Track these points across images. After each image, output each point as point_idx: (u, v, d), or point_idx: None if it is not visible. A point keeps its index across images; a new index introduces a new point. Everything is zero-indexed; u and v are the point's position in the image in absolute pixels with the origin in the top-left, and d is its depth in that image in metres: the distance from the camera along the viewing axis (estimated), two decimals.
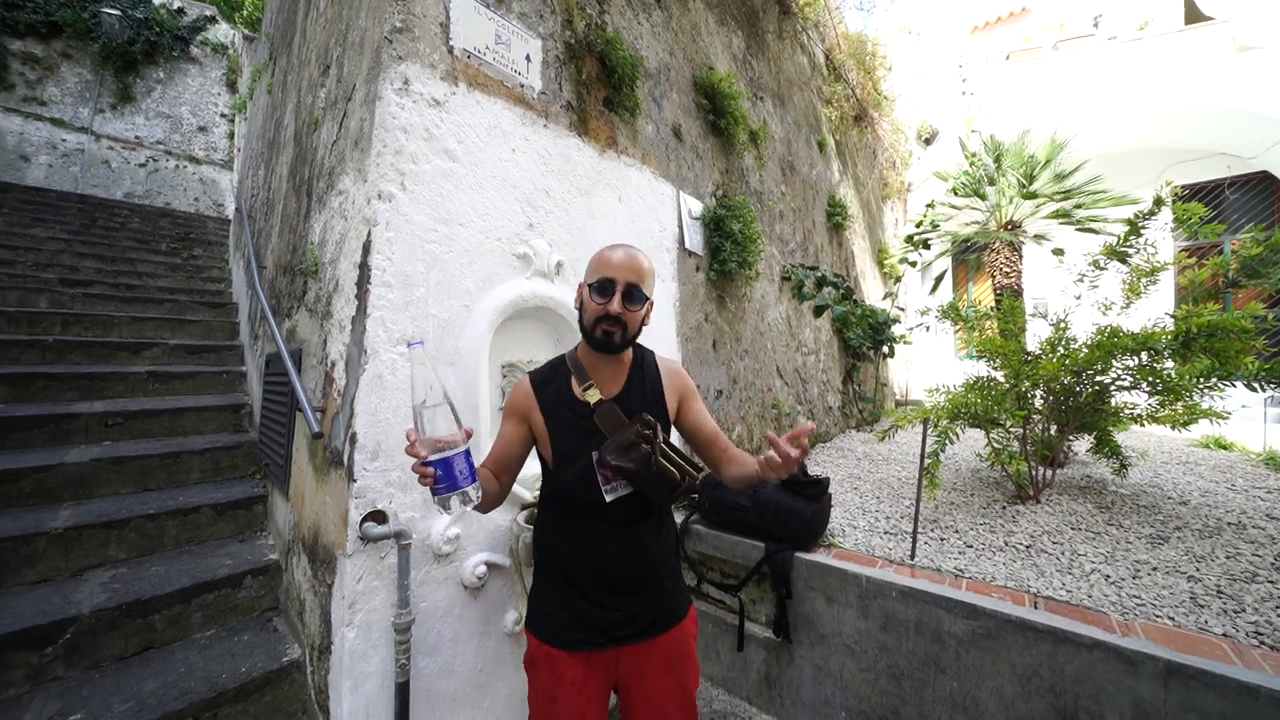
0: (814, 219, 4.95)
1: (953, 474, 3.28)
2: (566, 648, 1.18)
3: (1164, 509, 2.49)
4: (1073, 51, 7.06)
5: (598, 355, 1.23)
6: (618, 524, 1.19)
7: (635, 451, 1.12)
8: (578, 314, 1.23)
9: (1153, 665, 1.32)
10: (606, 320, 1.15)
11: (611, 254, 1.17)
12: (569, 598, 1.20)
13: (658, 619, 1.22)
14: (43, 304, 3.63)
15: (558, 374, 1.27)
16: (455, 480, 0.93)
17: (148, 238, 5.95)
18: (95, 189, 7.99)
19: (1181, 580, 1.79)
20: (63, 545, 1.89)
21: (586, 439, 1.19)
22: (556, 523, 1.26)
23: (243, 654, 1.75)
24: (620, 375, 1.27)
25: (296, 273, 2.32)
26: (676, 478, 1.15)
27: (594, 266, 1.20)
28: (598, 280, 1.16)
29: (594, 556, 1.19)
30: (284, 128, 3.04)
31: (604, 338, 1.16)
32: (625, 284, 1.14)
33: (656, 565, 1.25)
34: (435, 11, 1.77)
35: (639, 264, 1.16)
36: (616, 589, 1.20)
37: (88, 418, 2.53)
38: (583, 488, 1.18)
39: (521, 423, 1.25)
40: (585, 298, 1.20)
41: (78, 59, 8.15)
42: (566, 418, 1.22)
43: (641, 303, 1.17)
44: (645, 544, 1.23)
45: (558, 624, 1.20)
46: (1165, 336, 2.22)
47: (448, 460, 0.92)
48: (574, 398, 1.23)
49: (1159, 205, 2.56)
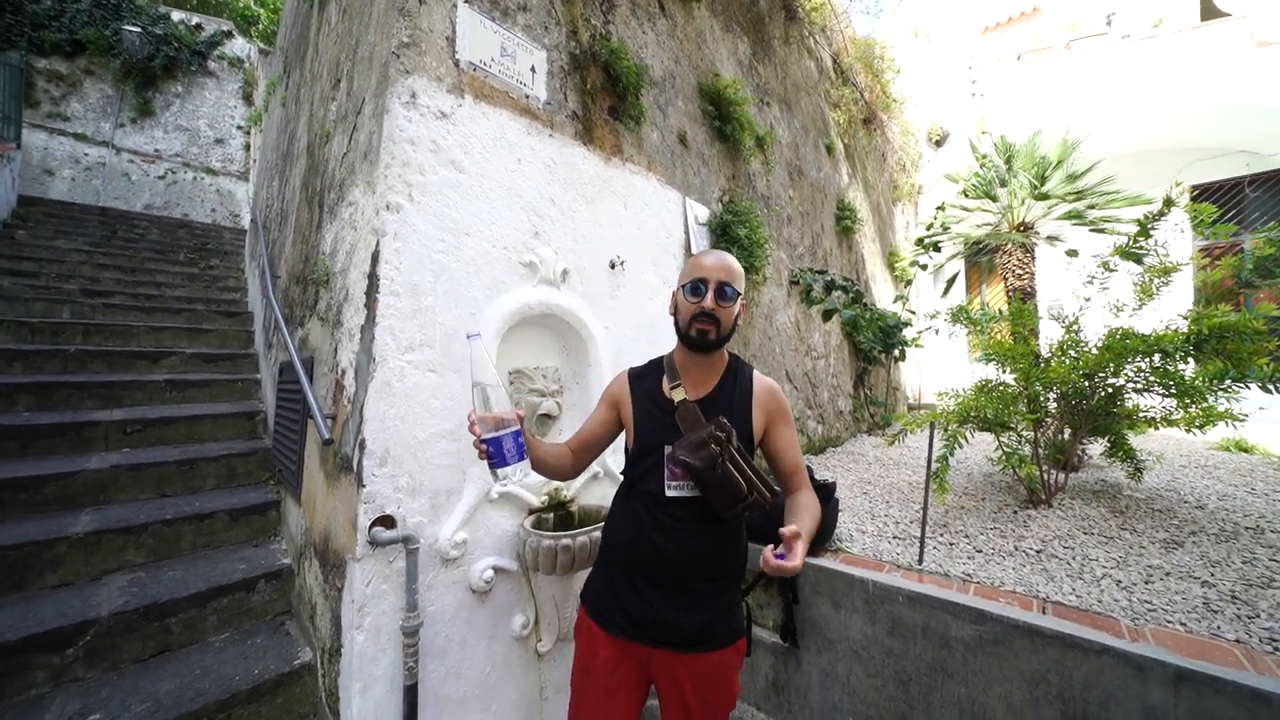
0: (823, 223, 4.94)
1: (963, 478, 3.25)
2: (604, 627, 1.24)
3: (1180, 513, 2.44)
4: (1086, 51, 6.98)
5: (691, 357, 1.29)
6: (675, 520, 1.22)
7: (703, 450, 1.14)
8: (673, 319, 1.30)
9: (1162, 671, 1.30)
10: (701, 318, 1.21)
11: (703, 258, 1.26)
12: (615, 581, 1.26)
13: (700, 637, 1.20)
14: (65, 314, 3.73)
15: (653, 371, 1.36)
16: (504, 458, 1.07)
17: (166, 248, 6.10)
18: (116, 201, 8.20)
19: (1195, 585, 1.76)
20: (83, 550, 1.94)
21: (664, 434, 1.25)
22: (624, 508, 1.32)
23: (256, 657, 1.78)
24: (710, 380, 1.31)
25: (309, 282, 2.37)
26: (742, 490, 1.14)
27: (686, 271, 1.28)
28: (690, 281, 1.23)
29: (644, 547, 1.22)
30: (297, 140, 3.11)
31: (699, 336, 1.22)
32: (717, 282, 1.21)
33: (708, 577, 1.23)
34: (441, 26, 1.81)
35: (729, 264, 1.24)
36: (659, 585, 1.21)
37: (107, 425, 2.60)
38: (651, 479, 1.25)
39: (612, 409, 1.36)
40: (680, 300, 1.27)
41: (100, 75, 8.40)
42: (651, 411, 1.29)
43: (734, 299, 1.23)
44: (698, 550, 1.22)
45: (603, 602, 1.27)
46: (1177, 338, 2.19)
47: (498, 439, 1.07)
48: (661, 394, 1.30)
49: (1169, 205, 2.53)
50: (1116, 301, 2.65)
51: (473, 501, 1.75)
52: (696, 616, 1.20)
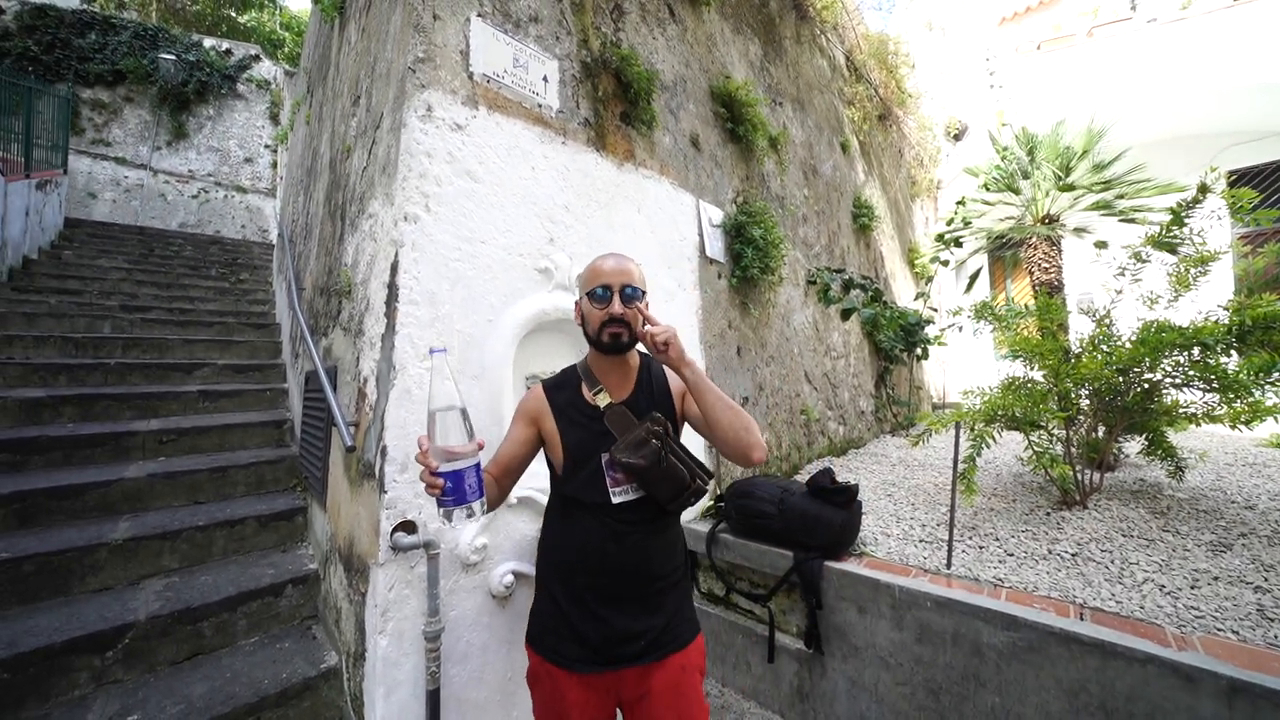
0: (839, 221, 4.88)
1: (992, 479, 3.15)
2: (566, 666, 1.18)
3: (1227, 514, 2.32)
4: (1109, 37, 6.75)
5: (606, 361, 1.28)
6: (624, 526, 1.20)
7: (646, 448, 1.15)
8: (581, 328, 1.28)
9: (1214, 683, 1.23)
10: (611, 323, 1.19)
11: (601, 264, 1.23)
12: (567, 614, 1.20)
13: (658, 640, 1.19)
14: (106, 329, 3.90)
15: (568, 381, 1.32)
16: (464, 494, 0.91)
17: (199, 264, 6.34)
18: (153, 220, 8.58)
19: (1247, 591, 1.67)
20: (122, 555, 2.02)
21: (597, 442, 1.22)
22: (561, 528, 1.27)
23: (284, 661, 1.82)
24: (628, 379, 1.30)
25: (332, 293, 2.43)
26: (686, 478, 1.18)
27: (587, 278, 1.25)
28: (594, 289, 1.21)
29: (595, 560, 1.19)
30: (320, 156, 3.21)
31: (612, 340, 1.20)
32: (620, 285, 1.19)
33: (659, 577, 1.23)
34: (455, 40, 1.85)
35: (627, 266, 1.23)
36: (614, 599, 1.18)
37: (144, 435, 2.71)
38: (591, 490, 1.21)
39: (531, 425, 1.29)
40: (585, 308, 1.25)
41: (138, 102, 8.83)
42: (578, 421, 1.25)
43: (638, 298, 1.21)
44: (649, 552, 1.22)
45: (556, 638, 1.21)
46: (1218, 330, 2.08)
47: (459, 473, 0.92)
48: (585, 402, 1.27)
49: (1204, 192, 2.42)
50: (1150, 294, 2.54)
51: None
52: (655, 619, 1.20)
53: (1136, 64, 6.25)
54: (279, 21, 12.71)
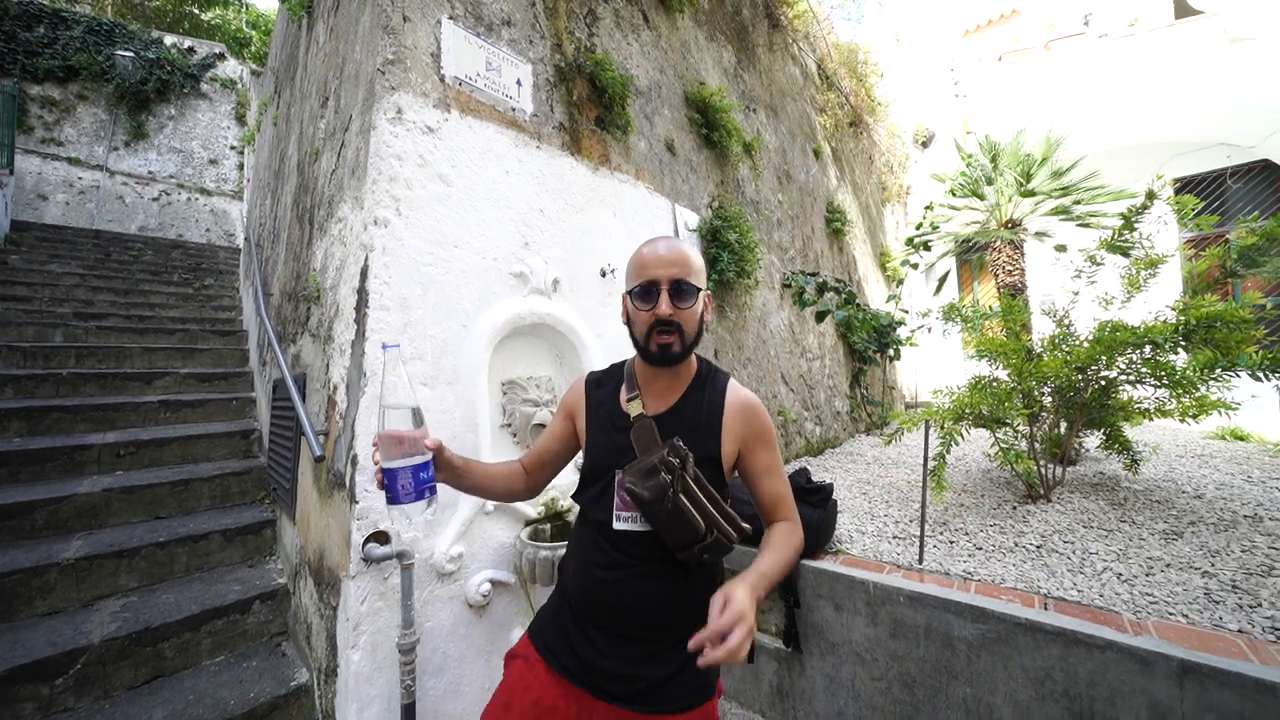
0: (813, 225, 4.98)
1: (962, 475, 3.24)
2: (547, 658, 1.06)
3: (1178, 504, 2.44)
4: (1065, 50, 7.08)
5: (651, 367, 1.07)
6: (622, 557, 1.01)
7: (653, 479, 0.93)
8: (628, 329, 1.07)
9: (1167, 665, 1.29)
10: (659, 328, 0.98)
11: (648, 251, 1.01)
12: (564, 619, 1.09)
13: (653, 695, 0.97)
14: (58, 338, 3.72)
15: (612, 377, 1.15)
16: (397, 494, 0.88)
17: (160, 269, 6.10)
18: (110, 224, 8.22)
19: (1195, 576, 1.75)
20: (74, 576, 1.92)
21: (616, 455, 1.04)
22: (575, 537, 1.14)
23: (251, 680, 1.76)
24: (674, 391, 1.07)
25: (300, 299, 2.37)
26: (699, 528, 0.93)
27: (632, 270, 1.03)
28: (639, 285, 1.00)
29: (587, 583, 1.04)
30: (288, 158, 3.13)
31: (661, 351, 0.99)
32: (670, 280, 0.98)
33: (661, 626, 1.01)
34: (426, 43, 1.83)
35: (682, 254, 1.00)
36: (607, 632, 1.02)
37: (100, 448, 2.58)
38: (598, 506, 1.05)
39: (568, 420, 1.16)
40: (630, 308, 1.04)
41: (93, 100, 8.45)
42: (605, 426, 1.09)
43: (693, 296, 1.00)
44: (648, 594, 1.00)
45: (550, 632, 1.09)
46: (1166, 329, 2.20)
47: (394, 472, 0.88)
48: (617, 406, 1.09)
49: (1151, 199, 2.55)
50: (1105, 295, 2.67)
51: (468, 514, 1.74)
52: (651, 669, 0.98)
53: (1090, 76, 6.56)
54: (245, 19, 12.34)
